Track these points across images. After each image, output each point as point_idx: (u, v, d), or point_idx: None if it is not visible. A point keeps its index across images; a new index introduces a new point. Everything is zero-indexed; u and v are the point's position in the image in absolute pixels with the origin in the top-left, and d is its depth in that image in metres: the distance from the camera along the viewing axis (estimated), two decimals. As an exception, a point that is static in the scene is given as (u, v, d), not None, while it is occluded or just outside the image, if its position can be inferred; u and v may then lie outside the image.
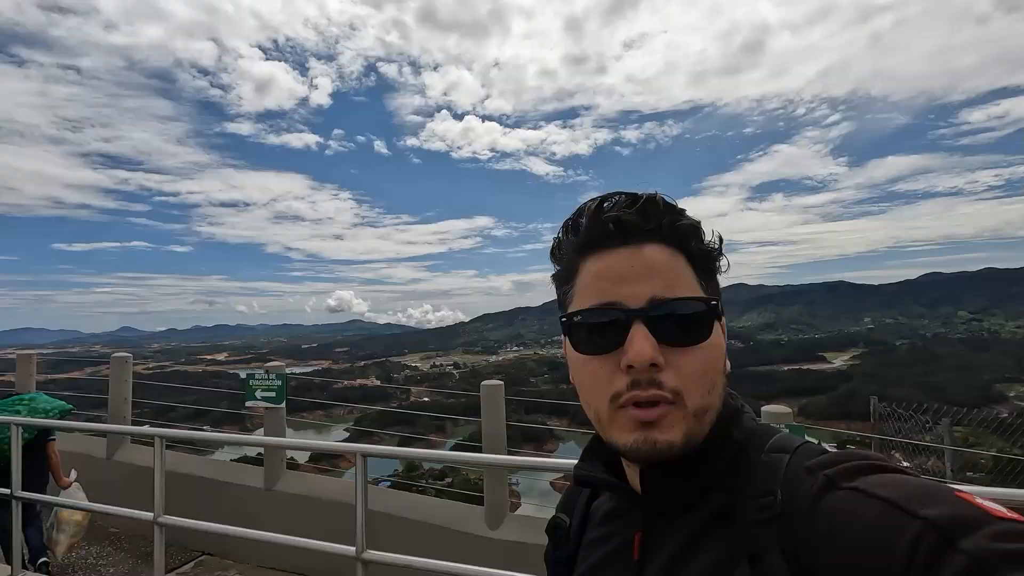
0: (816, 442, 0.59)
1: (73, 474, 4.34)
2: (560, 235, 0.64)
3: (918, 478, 0.45)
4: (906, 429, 5.46)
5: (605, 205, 0.59)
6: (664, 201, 0.59)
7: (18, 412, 4.04)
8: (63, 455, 5.09)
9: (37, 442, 4.03)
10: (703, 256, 0.60)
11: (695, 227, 0.59)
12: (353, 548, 2.27)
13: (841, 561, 0.42)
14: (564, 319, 0.61)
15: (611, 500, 0.68)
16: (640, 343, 0.53)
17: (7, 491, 3.41)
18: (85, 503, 3.42)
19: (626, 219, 0.57)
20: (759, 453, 0.55)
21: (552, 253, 0.65)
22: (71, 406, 4.37)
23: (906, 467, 0.50)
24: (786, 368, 63.84)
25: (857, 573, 0.41)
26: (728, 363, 0.61)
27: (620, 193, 0.60)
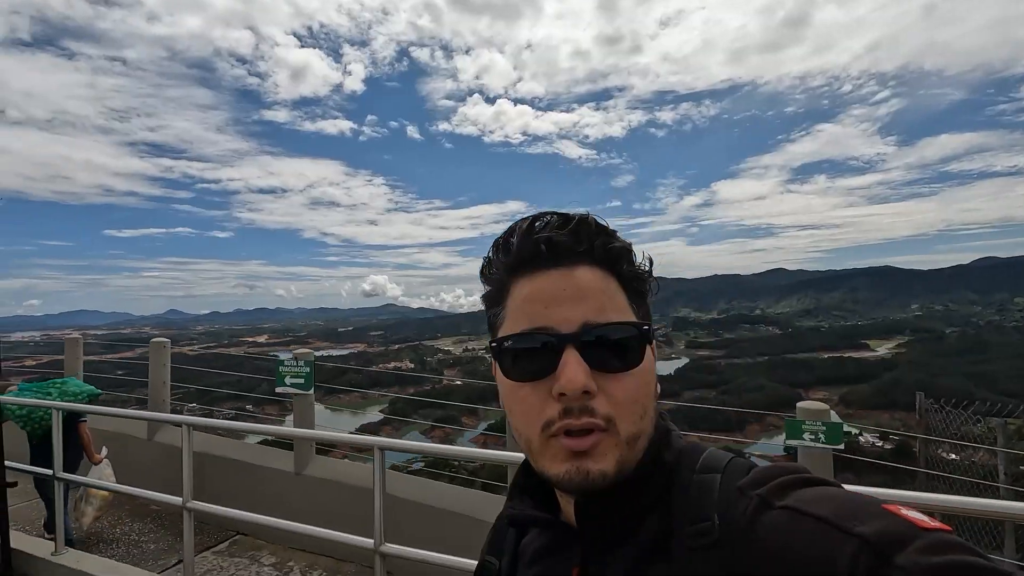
0: (746, 455, 0.60)
1: (104, 451, 4.58)
2: (490, 254, 0.62)
3: (845, 491, 0.47)
4: (955, 425, 5.17)
5: (537, 225, 0.57)
6: (596, 222, 0.58)
7: (50, 395, 4.28)
8: (108, 435, 5.43)
9: (69, 423, 4.25)
10: (634, 279, 0.59)
11: (627, 250, 0.59)
12: (371, 540, 2.27)
13: None
14: (494, 344, 0.59)
15: (542, 537, 0.65)
16: (572, 370, 0.51)
17: (49, 471, 3.58)
18: (120, 486, 3.55)
19: (557, 240, 0.55)
20: (690, 474, 0.55)
21: (482, 272, 0.63)
22: (99, 391, 4.67)
23: (830, 479, 0.51)
24: (826, 356, 62.01)
25: None
26: (658, 387, 0.60)
27: (552, 213, 0.59)
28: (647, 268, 0.60)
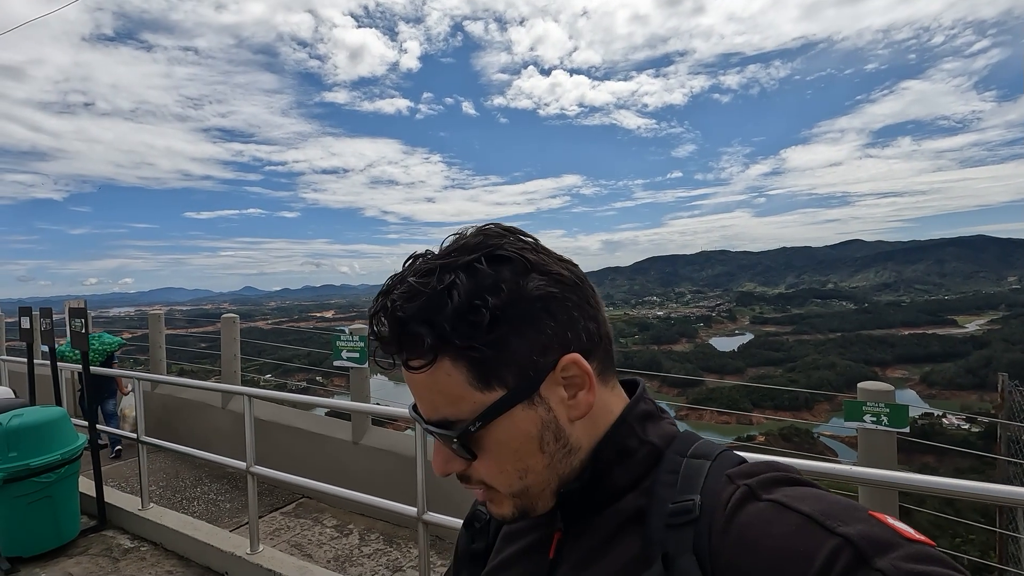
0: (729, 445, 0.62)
1: (129, 386, 6.14)
2: None
3: (834, 495, 0.47)
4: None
5: (372, 322, 0.55)
6: (396, 319, 0.51)
7: (92, 344, 5.54)
8: (187, 403, 6.04)
9: (107, 363, 6.05)
10: (466, 356, 0.52)
11: (439, 337, 0.51)
12: (415, 509, 2.36)
13: (756, 571, 0.43)
14: (409, 410, 0.63)
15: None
16: (434, 459, 0.58)
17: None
18: (195, 451, 3.85)
19: (385, 355, 0.55)
20: (681, 457, 0.55)
21: None
22: (123, 340, 6.21)
23: (820, 484, 0.50)
24: (906, 332, 57.97)
25: None
26: (583, 402, 0.55)
27: (379, 300, 0.54)
28: (483, 321, 0.50)
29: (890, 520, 0.43)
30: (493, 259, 0.53)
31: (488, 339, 0.51)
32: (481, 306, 0.50)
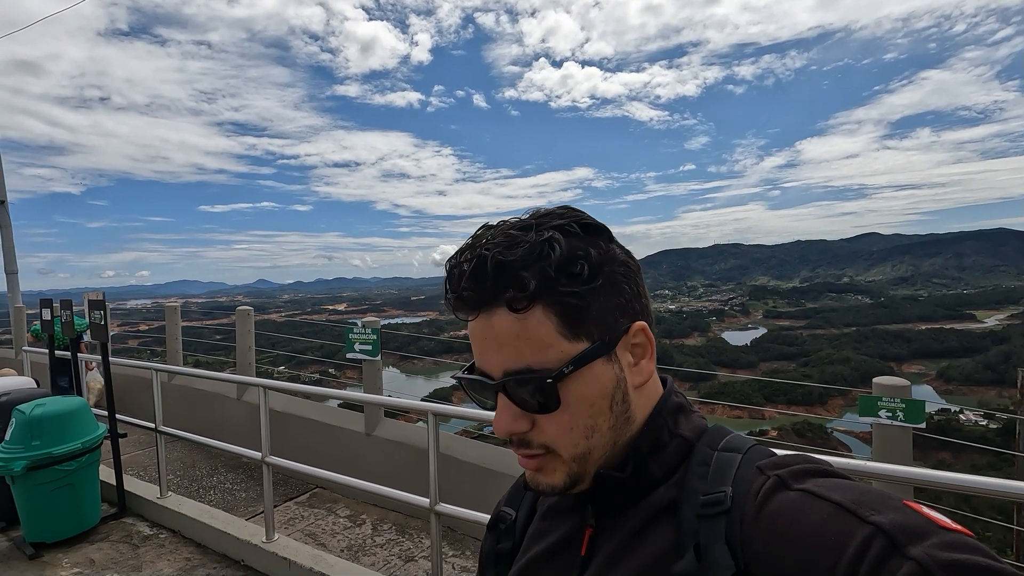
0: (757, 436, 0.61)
1: (94, 363, 6.21)
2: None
3: (866, 485, 0.47)
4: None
5: (455, 274, 0.57)
6: (498, 262, 0.54)
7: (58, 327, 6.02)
8: (203, 394, 6.09)
9: (76, 341, 5.78)
10: (559, 304, 0.55)
11: (538, 278, 0.54)
12: (427, 500, 2.38)
13: (788, 559, 0.43)
14: (454, 377, 0.66)
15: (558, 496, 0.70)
16: (498, 417, 0.57)
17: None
18: (212, 441, 3.92)
19: (467, 298, 0.56)
20: (712, 450, 0.57)
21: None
22: (88, 323, 5.77)
23: (851, 477, 0.50)
24: (923, 327, 57.09)
25: (804, 572, 0.42)
26: (645, 369, 0.60)
27: (469, 255, 0.56)
28: (584, 276, 0.55)
29: (925, 509, 0.43)
30: (583, 226, 0.58)
31: (584, 290, 0.55)
32: (581, 258, 0.55)
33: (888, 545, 0.39)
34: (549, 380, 0.54)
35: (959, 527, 0.41)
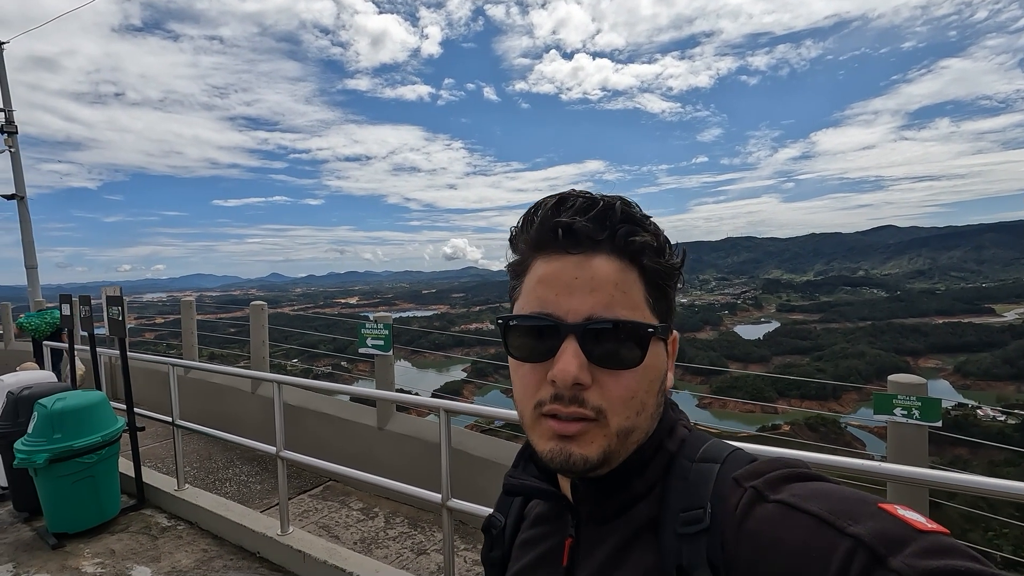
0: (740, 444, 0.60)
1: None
2: (518, 225, 0.61)
3: (842, 488, 0.46)
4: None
5: (562, 207, 0.56)
6: (624, 210, 0.55)
7: (44, 319, 6.80)
8: (219, 388, 6.17)
9: (56, 335, 6.72)
10: (657, 274, 0.56)
11: (653, 243, 0.56)
12: (439, 495, 2.40)
13: None
14: (500, 321, 0.59)
15: (543, 503, 0.69)
16: (566, 361, 0.52)
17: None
18: (227, 435, 3.98)
19: (578, 227, 0.54)
20: (689, 463, 0.56)
21: (510, 242, 0.62)
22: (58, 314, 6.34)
23: (826, 476, 0.50)
24: (940, 321, 56.19)
25: None
26: (670, 379, 0.60)
27: (581, 195, 0.56)
28: (677, 262, 0.58)
29: (900, 511, 0.42)
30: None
31: (674, 273, 0.58)
32: (673, 249, 0.58)
33: (869, 558, 0.39)
34: (651, 329, 0.54)
35: (936, 527, 0.41)
